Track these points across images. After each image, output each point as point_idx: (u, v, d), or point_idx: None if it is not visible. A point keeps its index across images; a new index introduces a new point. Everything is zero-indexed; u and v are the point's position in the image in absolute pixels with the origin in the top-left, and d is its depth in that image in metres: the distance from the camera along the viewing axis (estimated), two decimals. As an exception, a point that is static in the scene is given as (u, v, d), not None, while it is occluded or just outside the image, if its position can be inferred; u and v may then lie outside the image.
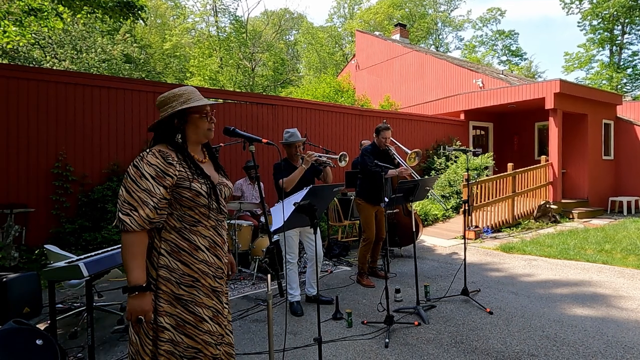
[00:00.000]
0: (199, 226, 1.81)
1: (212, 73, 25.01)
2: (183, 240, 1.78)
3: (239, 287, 4.98)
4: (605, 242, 7.21)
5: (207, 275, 1.81)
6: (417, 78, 16.53)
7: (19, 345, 2.46)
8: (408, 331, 3.56)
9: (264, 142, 2.10)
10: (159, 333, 1.71)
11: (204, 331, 1.78)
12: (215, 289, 1.85)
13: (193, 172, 1.80)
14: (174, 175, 1.74)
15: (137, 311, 1.65)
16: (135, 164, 1.73)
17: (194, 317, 1.76)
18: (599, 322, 3.77)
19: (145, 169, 1.70)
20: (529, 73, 36.40)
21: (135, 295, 1.65)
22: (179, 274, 1.75)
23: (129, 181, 1.70)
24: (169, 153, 1.78)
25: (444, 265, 5.98)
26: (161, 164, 1.72)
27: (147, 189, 1.68)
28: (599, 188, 11.52)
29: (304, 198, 2.56)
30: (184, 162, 1.80)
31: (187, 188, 1.77)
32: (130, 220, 1.64)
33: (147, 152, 1.76)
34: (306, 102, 9.90)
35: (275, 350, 3.05)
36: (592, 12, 27.57)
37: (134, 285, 1.65)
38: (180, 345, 1.74)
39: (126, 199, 1.68)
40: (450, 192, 10.06)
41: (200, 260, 1.80)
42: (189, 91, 1.88)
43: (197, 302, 1.78)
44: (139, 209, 1.66)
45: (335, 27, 37.71)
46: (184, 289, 1.76)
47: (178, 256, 1.76)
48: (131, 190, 1.69)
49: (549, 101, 10.18)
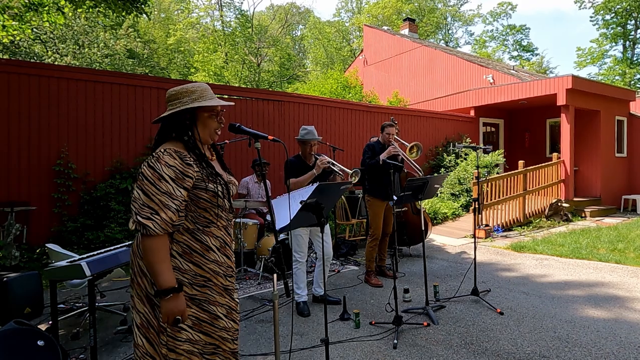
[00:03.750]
0: (211, 227, 1.81)
1: (217, 68, 24.98)
2: (195, 241, 1.77)
3: (244, 286, 4.92)
4: (618, 241, 7.13)
5: (218, 274, 1.82)
6: (426, 74, 16.37)
7: (20, 346, 2.43)
8: (417, 332, 3.52)
9: (270, 139, 2.07)
10: (177, 334, 1.71)
11: (220, 328, 1.81)
12: (227, 287, 1.86)
13: (209, 172, 1.79)
14: (192, 177, 1.72)
15: (175, 312, 1.63)
16: (151, 164, 1.66)
17: (208, 315, 1.78)
18: (611, 323, 3.73)
19: (164, 171, 1.65)
20: (541, 69, 35.99)
21: (169, 298, 1.62)
22: (191, 274, 1.75)
23: (146, 183, 1.64)
24: (185, 153, 1.74)
25: (454, 265, 5.92)
26: (179, 165, 1.69)
27: (168, 192, 1.64)
28: (612, 186, 11.37)
29: (311, 196, 2.49)
30: (198, 162, 1.77)
31: (204, 189, 1.75)
32: (154, 224, 1.60)
33: (163, 153, 1.70)
34: (313, 98, 9.83)
35: (282, 351, 3.02)
36: (605, 7, 27.19)
37: (167, 288, 1.62)
38: (198, 343, 1.75)
39: (145, 203, 1.62)
40: (460, 190, 9.98)
41: (212, 260, 1.80)
42: (202, 88, 1.83)
43: (211, 301, 1.79)
44: (160, 213, 1.62)
45: (343, 21, 37.52)
46: (197, 289, 1.76)
47: (189, 257, 1.75)
48: (150, 193, 1.63)
49: (560, 97, 10.05)
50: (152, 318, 1.73)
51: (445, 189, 10.09)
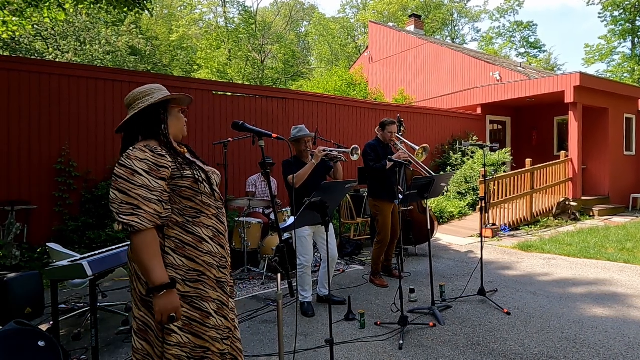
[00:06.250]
0: (201, 217, 1.78)
1: (220, 65, 24.98)
2: (187, 234, 1.74)
3: (247, 287, 4.87)
4: (627, 240, 7.06)
5: (212, 266, 1.79)
6: (433, 71, 16.25)
7: (21, 347, 2.41)
8: (423, 332, 3.50)
9: (274, 137, 2.06)
10: (167, 337, 1.67)
11: (210, 327, 1.77)
12: (220, 280, 1.83)
13: (182, 160, 1.78)
14: (167, 166, 1.70)
15: (169, 309, 1.61)
16: (122, 163, 1.64)
17: (200, 314, 1.74)
18: (620, 323, 3.70)
19: (137, 165, 1.63)
20: (548, 66, 35.69)
21: (163, 295, 1.60)
22: (185, 270, 1.72)
23: (120, 182, 1.61)
24: (156, 146, 1.72)
25: (460, 265, 5.87)
26: (151, 157, 1.67)
27: (145, 185, 1.61)
28: (620, 184, 11.26)
29: (315, 194, 2.44)
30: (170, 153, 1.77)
31: (180, 177, 1.73)
32: (140, 219, 1.58)
33: (133, 149, 1.68)
34: (317, 95, 9.78)
35: (286, 352, 2.99)
36: (613, 3, 26.84)
37: (160, 284, 1.59)
38: (187, 346, 1.70)
39: (124, 200, 1.59)
40: (467, 189, 9.91)
41: (206, 252, 1.77)
42: (159, 87, 1.86)
43: (203, 297, 1.76)
44: (142, 206, 1.59)
45: (348, 18, 37.39)
46: (190, 285, 1.73)
47: (182, 252, 1.73)
48: (126, 189, 1.60)
49: (568, 95, 9.94)
50: (149, 320, 1.70)
51: (452, 188, 10.03)
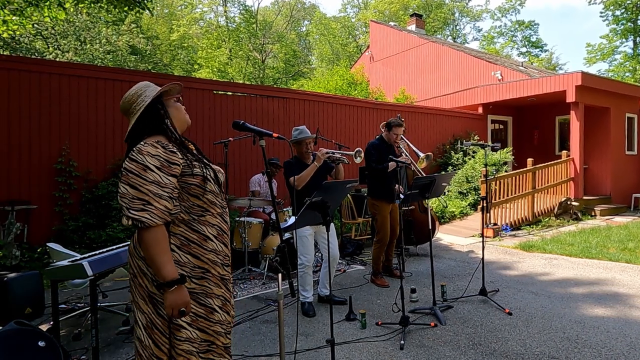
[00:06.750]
0: (207, 215, 1.78)
1: (221, 65, 24.95)
2: (192, 232, 1.74)
3: (248, 287, 4.86)
4: (629, 240, 7.04)
5: (216, 264, 1.80)
6: (434, 70, 16.23)
7: (21, 347, 2.40)
8: (424, 332, 3.49)
9: (275, 137, 2.07)
10: (176, 332, 1.68)
11: (215, 322, 1.79)
12: (223, 277, 1.85)
13: (193, 157, 1.78)
14: (179, 163, 1.69)
15: (179, 304, 1.62)
16: (134, 157, 1.62)
17: (205, 310, 1.76)
18: (621, 323, 3.69)
19: (149, 161, 1.62)
20: (550, 65, 35.62)
21: (174, 290, 1.61)
22: (190, 267, 1.72)
23: (131, 177, 1.59)
24: (166, 142, 1.72)
25: (461, 264, 5.86)
26: (163, 153, 1.66)
27: (156, 181, 1.61)
28: (622, 184, 11.23)
29: (316, 194, 2.43)
30: (181, 149, 1.76)
31: (191, 175, 1.73)
32: (150, 215, 1.57)
33: (144, 144, 1.66)
34: (318, 95, 9.77)
35: (287, 352, 2.98)
36: (615, 2, 26.78)
37: (171, 280, 1.60)
38: (196, 341, 1.72)
39: (135, 196, 1.58)
40: (468, 189, 9.89)
41: (210, 250, 1.78)
42: (146, 84, 1.84)
43: (208, 294, 1.77)
44: (153, 202, 1.58)
45: (349, 17, 37.35)
46: (195, 282, 1.74)
47: (188, 249, 1.73)
48: (137, 185, 1.59)
49: (570, 94, 9.92)
50: (155, 317, 1.69)
51: (453, 188, 10.01)
